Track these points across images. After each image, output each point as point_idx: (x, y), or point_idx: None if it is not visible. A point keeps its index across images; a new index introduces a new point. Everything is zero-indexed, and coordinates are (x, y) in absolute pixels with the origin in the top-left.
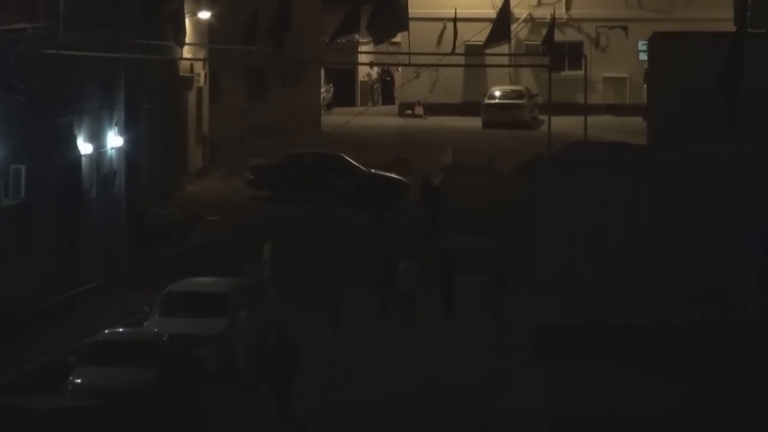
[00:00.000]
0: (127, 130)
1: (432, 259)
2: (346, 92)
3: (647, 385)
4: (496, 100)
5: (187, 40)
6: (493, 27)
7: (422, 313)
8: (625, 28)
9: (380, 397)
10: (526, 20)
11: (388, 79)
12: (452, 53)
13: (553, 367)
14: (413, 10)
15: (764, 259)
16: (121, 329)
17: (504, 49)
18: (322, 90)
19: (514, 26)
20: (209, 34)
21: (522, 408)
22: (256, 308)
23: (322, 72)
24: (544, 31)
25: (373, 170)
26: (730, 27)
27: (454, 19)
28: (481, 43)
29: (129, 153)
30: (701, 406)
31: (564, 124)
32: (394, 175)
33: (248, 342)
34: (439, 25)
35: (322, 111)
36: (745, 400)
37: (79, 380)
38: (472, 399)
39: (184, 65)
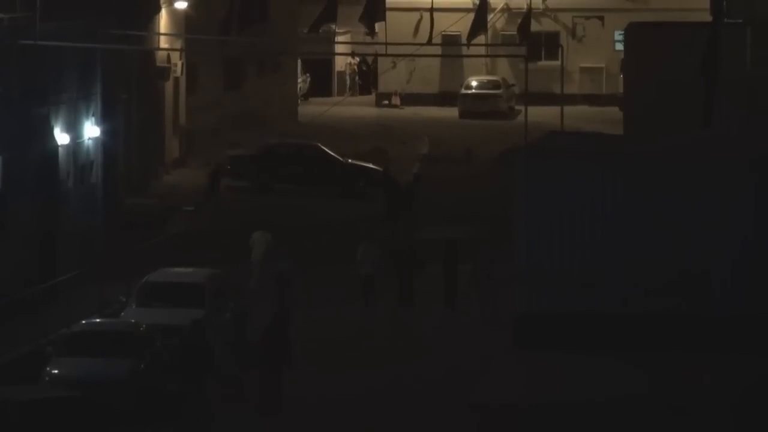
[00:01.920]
0: (103, 120)
1: (399, 247)
2: (322, 82)
3: (622, 375)
4: (473, 90)
5: (164, 30)
6: (474, 19)
7: (381, 296)
8: (601, 18)
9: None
10: (502, 10)
11: (365, 68)
12: (429, 43)
13: (529, 357)
14: (390, 0)
15: (743, 247)
16: (98, 320)
17: (481, 39)
18: (299, 80)
19: (490, 16)
20: (186, 24)
21: (495, 398)
22: (227, 301)
23: (299, 62)
24: (521, 21)
25: (349, 160)
26: (707, 17)
27: (431, 9)
28: (458, 33)
29: (106, 143)
30: (674, 396)
31: (540, 114)
32: (370, 165)
33: (224, 335)
34: (416, 15)
35: (299, 101)
36: (723, 391)
37: (56, 371)
38: (444, 390)
39: (160, 55)
